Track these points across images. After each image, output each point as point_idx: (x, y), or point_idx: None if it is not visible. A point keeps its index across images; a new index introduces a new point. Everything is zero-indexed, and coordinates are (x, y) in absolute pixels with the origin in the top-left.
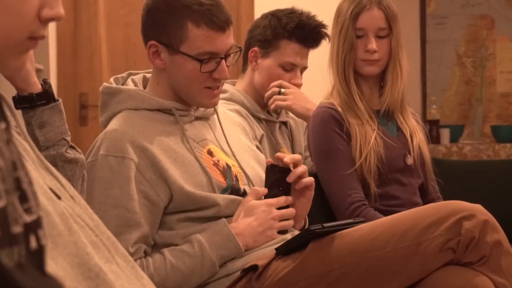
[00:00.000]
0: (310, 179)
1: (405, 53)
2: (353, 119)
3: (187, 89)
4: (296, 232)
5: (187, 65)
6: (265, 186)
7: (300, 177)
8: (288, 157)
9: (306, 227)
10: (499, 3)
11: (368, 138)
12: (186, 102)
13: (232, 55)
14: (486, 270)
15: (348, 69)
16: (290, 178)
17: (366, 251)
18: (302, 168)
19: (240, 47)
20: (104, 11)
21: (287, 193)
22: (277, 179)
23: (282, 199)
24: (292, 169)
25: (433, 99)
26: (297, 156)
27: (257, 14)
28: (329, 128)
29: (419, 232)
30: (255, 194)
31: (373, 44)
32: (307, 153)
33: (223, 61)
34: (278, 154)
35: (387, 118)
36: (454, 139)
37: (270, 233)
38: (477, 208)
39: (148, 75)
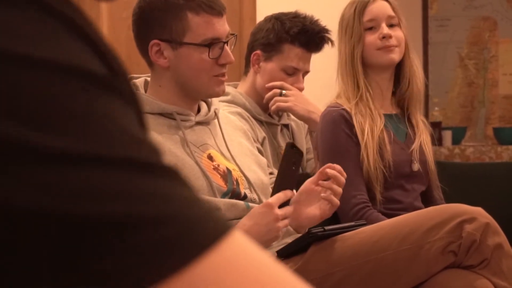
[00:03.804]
0: (336, 201)
1: (415, 52)
2: (361, 119)
3: (195, 81)
4: (297, 235)
5: (194, 55)
6: (280, 164)
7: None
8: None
9: (307, 229)
10: (501, 5)
11: (374, 137)
12: (188, 105)
13: (229, 41)
14: (488, 273)
15: (356, 62)
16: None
17: (367, 253)
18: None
19: (235, 34)
20: (107, 13)
21: (296, 174)
22: (293, 159)
23: (281, 196)
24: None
25: (435, 101)
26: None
27: (260, 17)
28: (339, 129)
29: (421, 235)
30: (267, 206)
31: (386, 30)
32: (309, 156)
33: (226, 45)
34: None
35: (397, 121)
36: (456, 141)
37: (273, 236)
38: (478, 211)
39: (149, 79)
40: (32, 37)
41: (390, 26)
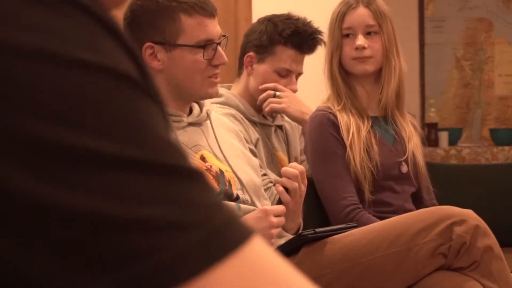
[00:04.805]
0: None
1: (401, 54)
2: (347, 120)
3: (189, 83)
4: (290, 237)
5: (187, 56)
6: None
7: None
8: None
9: (299, 232)
10: (497, 6)
11: (360, 137)
12: (180, 107)
13: (222, 42)
14: (477, 275)
15: (334, 68)
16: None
17: (357, 256)
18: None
19: (226, 35)
20: None
21: None
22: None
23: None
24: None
25: (431, 102)
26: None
27: (255, 18)
28: (326, 132)
29: (410, 237)
30: (263, 212)
31: (360, 41)
32: (303, 157)
33: (219, 47)
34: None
35: (385, 124)
36: (452, 142)
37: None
38: (468, 213)
39: None
40: (81, 40)
41: (368, 34)
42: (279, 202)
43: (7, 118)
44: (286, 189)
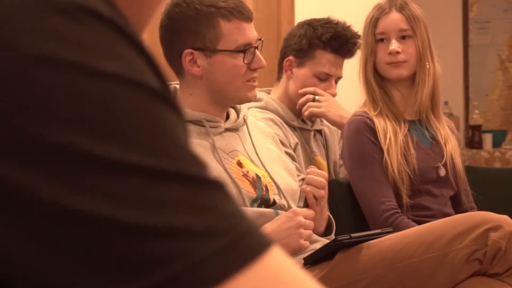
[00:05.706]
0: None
1: (435, 57)
2: (384, 125)
3: (229, 87)
4: (325, 242)
5: (228, 61)
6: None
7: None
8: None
9: (334, 237)
10: None
11: (397, 141)
12: (217, 112)
13: (258, 46)
14: None
15: (369, 73)
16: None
17: (393, 261)
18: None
19: (261, 39)
20: None
21: None
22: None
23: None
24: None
25: (475, 104)
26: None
27: (298, 21)
28: (364, 136)
29: (446, 242)
30: (292, 212)
31: (394, 45)
32: (342, 161)
33: (257, 50)
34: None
35: (421, 127)
36: (496, 144)
37: (294, 241)
38: (504, 219)
39: (178, 87)
40: (105, 52)
41: (402, 38)
42: (305, 204)
43: (31, 126)
44: None
